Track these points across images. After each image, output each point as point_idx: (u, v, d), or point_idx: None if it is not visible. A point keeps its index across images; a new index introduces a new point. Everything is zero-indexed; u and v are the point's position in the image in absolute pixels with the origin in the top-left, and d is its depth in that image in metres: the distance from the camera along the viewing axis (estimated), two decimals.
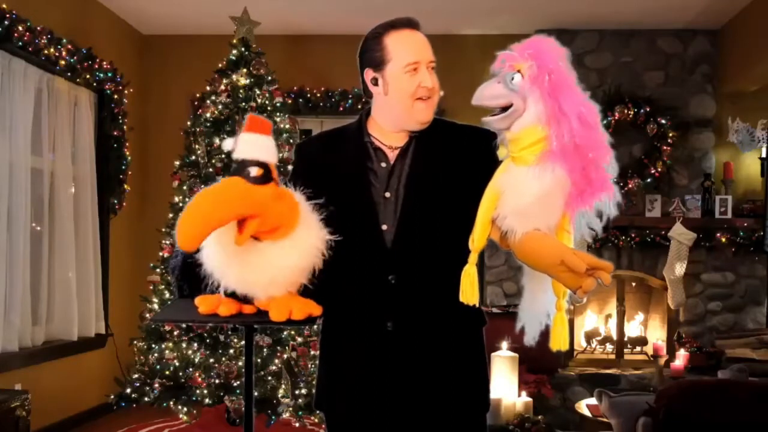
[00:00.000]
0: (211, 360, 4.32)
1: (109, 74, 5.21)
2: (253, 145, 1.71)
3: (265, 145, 1.72)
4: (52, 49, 4.54)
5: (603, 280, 1.52)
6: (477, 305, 1.76)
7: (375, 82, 1.87)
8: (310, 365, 4.39)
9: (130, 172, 5.53)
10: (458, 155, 1.87)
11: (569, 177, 1.57)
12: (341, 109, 5.89)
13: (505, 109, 1.64)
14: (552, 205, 1.59)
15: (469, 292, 1.71)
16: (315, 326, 2.03)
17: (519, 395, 4.79)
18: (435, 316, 1.85)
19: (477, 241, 1.69)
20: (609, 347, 5.82)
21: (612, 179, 1.60)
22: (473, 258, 1.71)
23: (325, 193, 1.85)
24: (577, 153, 1.56)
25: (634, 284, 5.88)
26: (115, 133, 5.38)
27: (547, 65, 1.59)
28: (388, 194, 1.86)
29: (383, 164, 1.88)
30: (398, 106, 1.85)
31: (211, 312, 1.84)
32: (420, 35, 1.86)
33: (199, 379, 4.27)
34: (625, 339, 5.81)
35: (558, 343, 1.65)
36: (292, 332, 4.39)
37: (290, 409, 4.26)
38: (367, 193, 1.86)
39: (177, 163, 4.76)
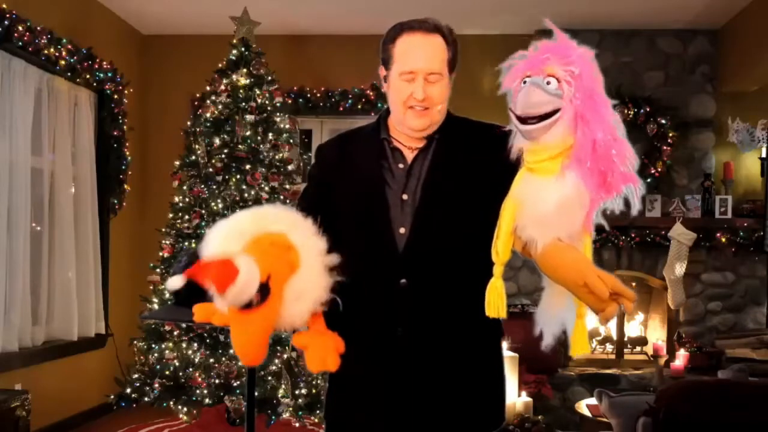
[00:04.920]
0: (211, 360, 4.32)
1: (109, 74, 5.21)
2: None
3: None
4: (52, 49, 4.54)
5: (626, 308, 1.49)
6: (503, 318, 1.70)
7: (385, 79, 1.85)
8: None
9: (130, 172, 5.53)
10: (479, 157, 1.81)
11: (590, 182, 1.53)
12: (341, 109, 5.89)
13: (541, 117, 1.55)
14: (572, 213, 1.56)
15: (495, 305, 1.65)
16: None
17: (519, 395, 4.79)
18: (448, 323, 1.79)
19: (501, 253, 1.64)
20: (609, 347, 5.82)
21: (633, 171, 1.56)
22: (499, 271, 1.66)
23: (341, 194, 1.85)
24: (601, 156, 1.53)
25: (634, 284, 5.87)
26: (115, 133, 5.38)
27: (588, 71, 1.55)
28: (405, 196, 1.81)
29: (401, 165, 1.84)
30: (394, 110, 1.83)
31: (205, 321, 1.82)
32: (431, 41, 1.79)
33: (199, 379, 4.27)
34: (625, 339, 5.81)
35: (577, 349, 1.61)
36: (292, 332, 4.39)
37: (290, 409, 4.26)
38: (381, 194, 1.81)
39: (177, 163, 4.75)
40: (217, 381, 4.28)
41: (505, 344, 4.76)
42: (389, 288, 1.78)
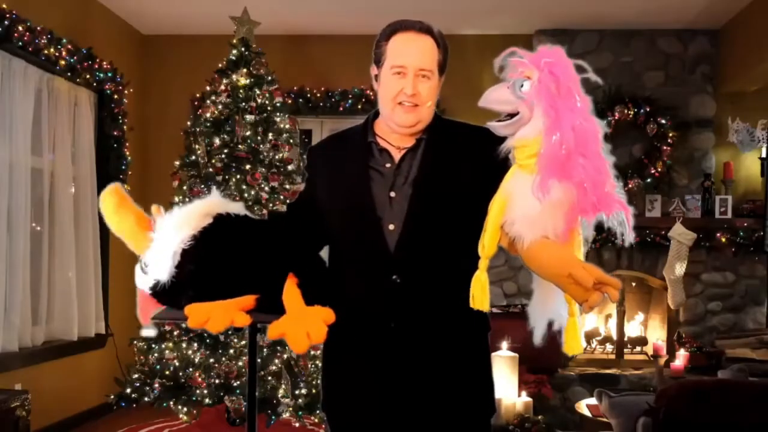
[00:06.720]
0: (211, 360, 4.32)
1: (109, 74, 5.21)
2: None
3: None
4: (52, 49, 4.54)
5: (611, 296, 1.51)
6: (487, 311, 1.73)
7: (376, 78, 1.90)
8: (310, 365, 4.38)
9: (130, 172, 5.52)
10: (468, 157, 1.85)
11: (570, 188, 1.55)
12: (341, 109, 5.89)
13: (511, 115, 1.61)
14: (560, 212, 1.58)
15: (479, 298, 1.69)
16: None
17: (519, 395, 4.79)
18: (439, 317, 1.83)
19: (487, 247, 1.67)
20: (609, 347, 5.82)
21: (619, 197, 1.58)
22: (484, 264, 1.69)
23: (329, 194, 1.90)
24: (572, 166, 1.53)
25: (634, 284, 5.88)
26: (115, 133, 5.38)
27: (558, 77, 1.57)
28: (393, 193, 1.84)
29: (388, 165, 1.87)
30: (383, 106, 1.87)
31: (200, 327, 1.83)
32: (423, 40, 1.83)
33: (199, 379, 4.27)
34: (625, 339, 5.81)
35: (571, 348, 1.64)
36: None
37: (290, 409, 4.25)
38: (368, 193, 1.84)
39: (177, 163, 4.75)
40: (217, 381, 4.28)
41: (505, 344, 4.80)
42: (381, 284, 1.82)
